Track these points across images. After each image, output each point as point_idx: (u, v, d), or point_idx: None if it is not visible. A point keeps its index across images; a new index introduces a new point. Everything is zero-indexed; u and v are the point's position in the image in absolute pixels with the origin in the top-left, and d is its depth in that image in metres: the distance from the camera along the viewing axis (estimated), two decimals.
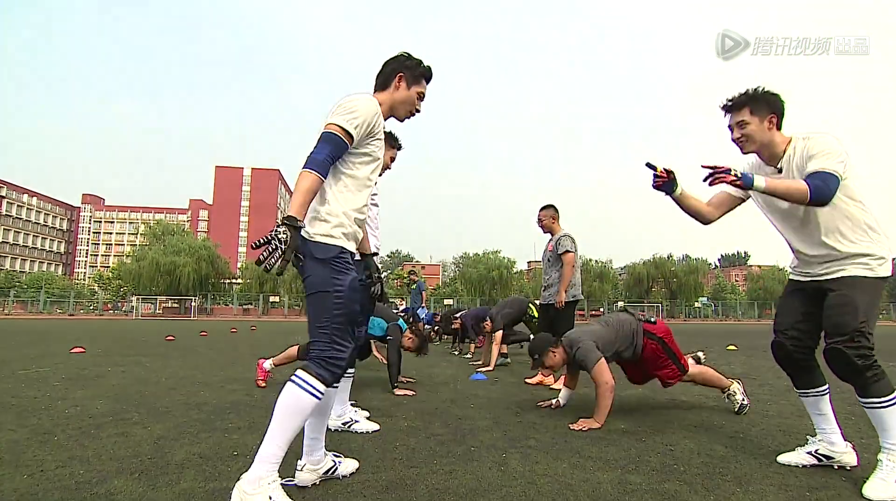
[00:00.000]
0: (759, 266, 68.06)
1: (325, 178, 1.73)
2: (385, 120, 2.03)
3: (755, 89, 2.17)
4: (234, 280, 53.85)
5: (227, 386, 4.28)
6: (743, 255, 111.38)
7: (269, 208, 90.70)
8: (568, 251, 4.48)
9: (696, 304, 50.22)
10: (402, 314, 10.09)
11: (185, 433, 2.67)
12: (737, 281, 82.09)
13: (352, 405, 3.01)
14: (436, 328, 9.93)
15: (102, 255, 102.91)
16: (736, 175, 1.95)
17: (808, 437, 2.36)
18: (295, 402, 1.68)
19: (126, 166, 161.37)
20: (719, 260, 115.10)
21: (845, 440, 2.26)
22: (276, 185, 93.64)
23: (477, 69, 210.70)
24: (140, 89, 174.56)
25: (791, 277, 2.32)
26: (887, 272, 2.07)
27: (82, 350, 7.53)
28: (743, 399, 3.38)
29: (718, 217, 2.38)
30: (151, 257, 45.27)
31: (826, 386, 2.26)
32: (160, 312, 46.26)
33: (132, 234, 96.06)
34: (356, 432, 2.78)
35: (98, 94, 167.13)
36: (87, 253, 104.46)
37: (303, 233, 1.73)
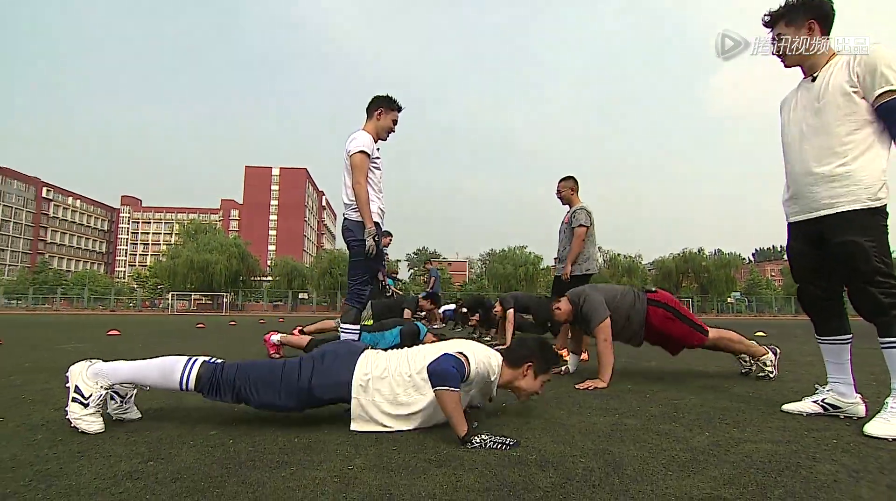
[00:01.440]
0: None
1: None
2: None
3: None
4: (263, 277, 55.13)
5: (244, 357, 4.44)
6: (779, 249, 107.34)
7: (297, 206, 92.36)
8: (581, 225, 4.47)
9: (729, 299, 48.68)
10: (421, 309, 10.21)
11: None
12: (772, 276, 79.20)
13: None
14: (462, 311, 10.28)
15: (140, 254, 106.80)
16: None
17: (815, 386, 2.31)
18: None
19: (161, 168, 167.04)
20: (754, 254, 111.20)
21: (856, 392, 2.20)
22: (303, 183, 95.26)
23: (503, 64, 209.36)
24: (173, 93, 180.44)
25: (789, 220, 2.27)
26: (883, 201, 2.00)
27: (118, 333, 7.95)
28: (773, 370, 3.31)
29: None
30: (185, 255, 46.73)
31: (850, 336, 2.19)
32: (194, 308, 47.74)
33: (167, 233, 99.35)
34: None
35: (134, 98, 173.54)
36: (126, 252, 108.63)
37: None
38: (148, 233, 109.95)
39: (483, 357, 1.92)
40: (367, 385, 1.84)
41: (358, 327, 3.17)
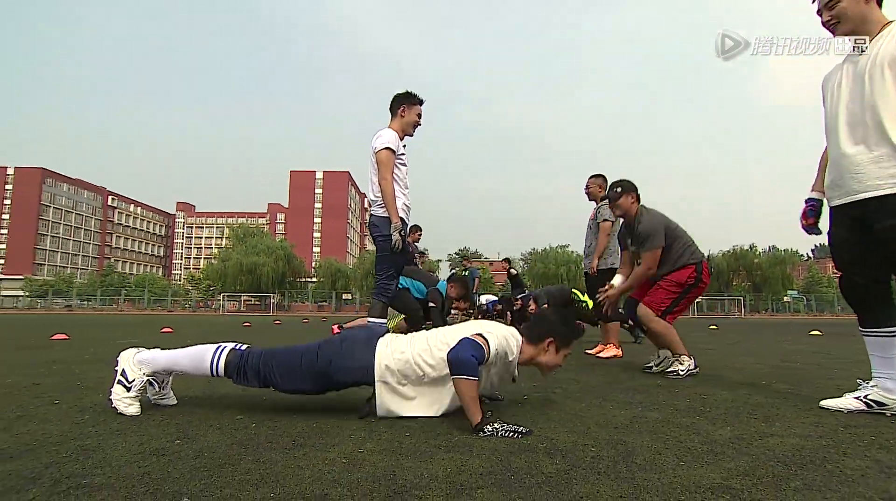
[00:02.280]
0: None
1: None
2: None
3: None
4: (309, 278, 56.80)
5: None
6: None
7: (341, 208, 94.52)
8: (606, 220, 4.44)
9: (785, 298, 45.92)
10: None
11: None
12: (834, 274, 74.03)
13: None
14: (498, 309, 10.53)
15: (194, 257, 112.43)
16: None
17: (859, 381, 2.17)
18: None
19: (213, 175, 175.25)
20: (813, 251, 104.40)
21: None
22: (346, 186, 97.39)
23: (549, 63, 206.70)
24: (222, 102, 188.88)
25: (830, 204, 2.14)
26: None
27: (171, 331, 8.45)
28: (684, 371, 3.10)
29: None
30: (235, 258, 48.86)
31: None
32: (244, 308, 49.84)
33: (218, 237, 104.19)
34: None
35: (188, 109, 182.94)
36: (181, 256, 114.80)
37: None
38: (201, 237, 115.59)
39: (502, 337, 1.92)
40: (389, 369, 1.88)
41: (385, 320, 3.24)
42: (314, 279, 56.79)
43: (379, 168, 3.07)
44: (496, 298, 13.14)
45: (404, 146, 3.27)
